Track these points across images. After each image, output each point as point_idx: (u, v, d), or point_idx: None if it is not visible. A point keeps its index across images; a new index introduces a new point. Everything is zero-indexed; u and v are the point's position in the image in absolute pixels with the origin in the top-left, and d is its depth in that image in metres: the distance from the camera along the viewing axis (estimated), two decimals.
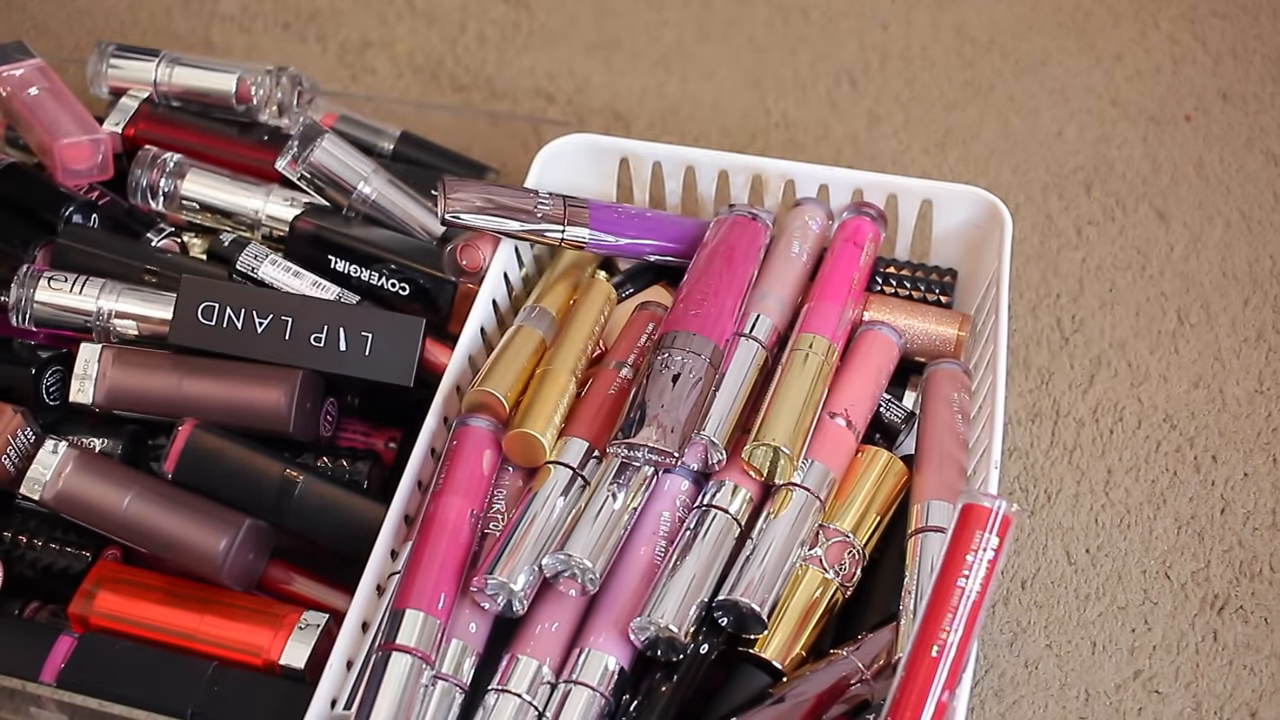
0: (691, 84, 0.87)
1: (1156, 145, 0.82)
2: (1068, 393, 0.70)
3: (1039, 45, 0.88)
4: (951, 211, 0.68)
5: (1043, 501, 0.66)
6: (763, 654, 0.55)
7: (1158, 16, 0.90)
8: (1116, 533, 0.65)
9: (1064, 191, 0.80)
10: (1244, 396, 0.70)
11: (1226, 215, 0.78)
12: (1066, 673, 0.60)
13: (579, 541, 0.55)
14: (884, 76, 0.87)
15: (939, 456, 0.60)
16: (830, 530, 0.58)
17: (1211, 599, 0.63)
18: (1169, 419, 0.69)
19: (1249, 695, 0.60)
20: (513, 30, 0.90)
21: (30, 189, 0.69)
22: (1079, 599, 0.63)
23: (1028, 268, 0.76)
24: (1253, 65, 0.86)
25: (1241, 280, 0.75)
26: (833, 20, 0.90)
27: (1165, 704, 0.60)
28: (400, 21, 0.91)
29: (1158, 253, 0.77)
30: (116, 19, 0.91)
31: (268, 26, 0.90)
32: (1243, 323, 0.73)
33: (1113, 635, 0.62)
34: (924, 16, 0.90)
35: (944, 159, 0.82)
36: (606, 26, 0.90)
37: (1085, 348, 0.72)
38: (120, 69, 0.75)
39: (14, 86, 0.71)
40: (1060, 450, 0.68)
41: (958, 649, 0.49)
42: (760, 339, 0.61)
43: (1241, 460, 0.67)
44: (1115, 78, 0.86)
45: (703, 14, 0.91)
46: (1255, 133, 0.82)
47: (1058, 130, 0.83)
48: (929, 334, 0.65)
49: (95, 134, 0.70)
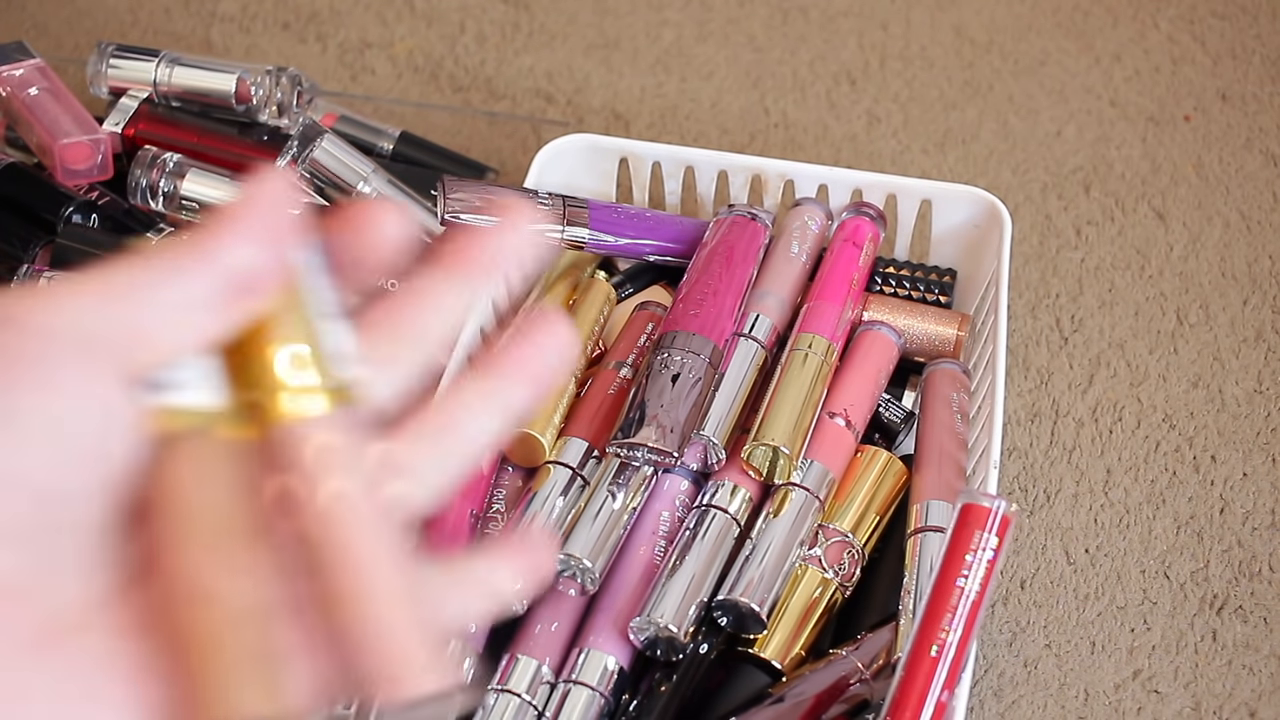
0: (691, 84, 0.87)
1: (1156, 145, 0.82)
2: (1067, 393, 0.70)
3: (1038, 45, 0.89)
4: (951, 211, 0.68)
5: (1042, 501, 0.66)
6: (762, 654, 0.55)
7: (1157, 17, 0.90)
8: (1115, 532, 0.65)
9: (1063, 191, 0.80)
10: (1243, 396, 0.70)
11: (1226, 215, 0.78)
12: (1066, 672, 0.60)
13: (579, 541, 0.55)
14: (883, 76, 0.87)
15: (938, 456, 0.60)
16: (830, 530, 0.58)
17: (1210, 599, 0.63)
18: (1168, 419, 0.69)
19: (1248, 695, 0.60)
20: (512, 30, 0.90)
21: (30, 189, 0.69)
22: (1078, 599, 0.63)
23: (1027, 268, 0.76)
24: (1252, 65, 0.87)
25: (1241, 280, 0.75)
26: (832, 20, 0.90)
27: (1164, 704, 0.60)
28: (400, 22, 0.91)
29: (1157, 253, 0.77)
30: (116, 19, 0.91)
31: (267, 26, 0.90)
32: (1242, 323, 0.73)
33: (1112, 635, 0.62)
34: (923, 17, 0.90)
35: (943, 159, 0.82)
36: (606, 26, 0.90)
37: (1084, 348, 0.72)
38: (120, 69, 0.75)
39: (14, 86, 0.71)
40: (1059, 450, 0.68)
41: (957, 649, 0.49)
42: (759, 339, 0.61)
43: (1241, 460, 0.67)
44: (1114, 78, 0.86)
45: (702, 14, 0.91)
46: (1254, 133, 0.83)
47: (1057, 130, 0.83)
48: (928, 334, 0.65)
49: (95, 134, 0.69)
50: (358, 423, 0.28)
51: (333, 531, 0.27)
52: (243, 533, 0.27)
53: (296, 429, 0.28)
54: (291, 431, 0.28)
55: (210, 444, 0.28)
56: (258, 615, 0.27)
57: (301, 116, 0.70)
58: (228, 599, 0.26)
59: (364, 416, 0.29)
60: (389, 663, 0.27)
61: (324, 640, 0.27)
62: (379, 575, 0.27)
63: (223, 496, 0.27)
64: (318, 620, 0.27)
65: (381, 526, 0.28)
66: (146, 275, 0.27)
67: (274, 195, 0.28)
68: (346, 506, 0.27)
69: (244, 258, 0.27)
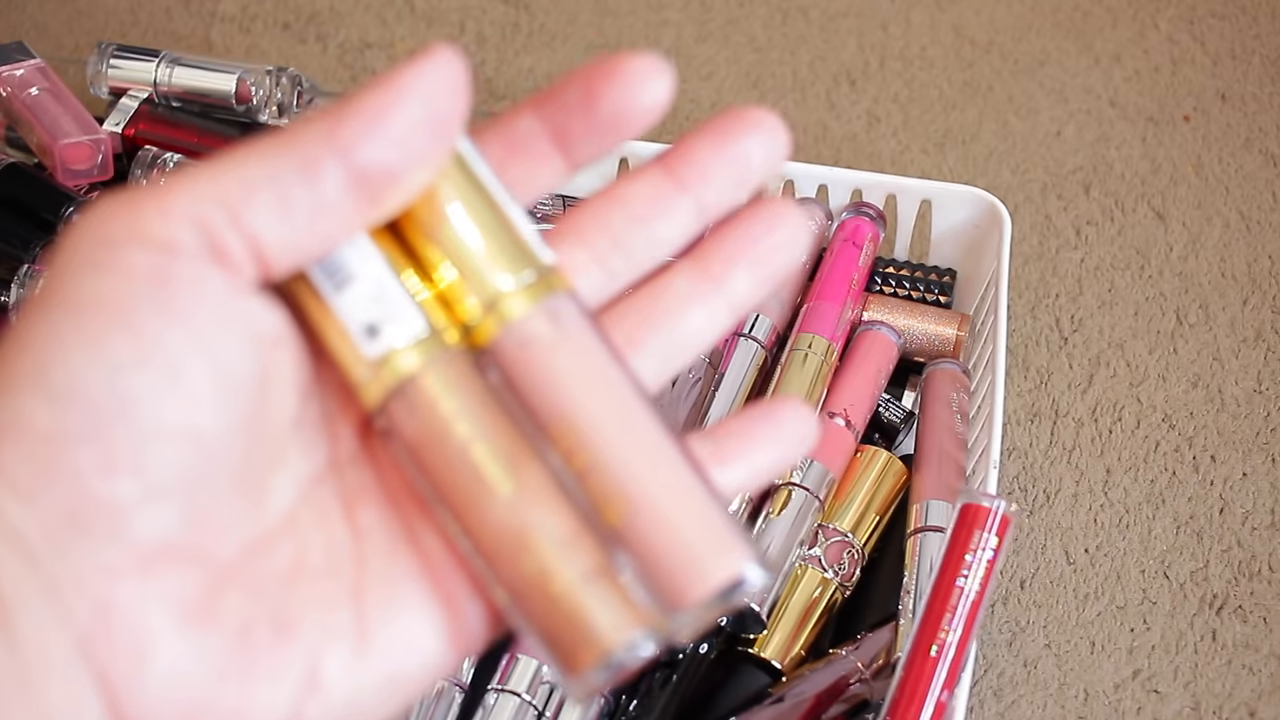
0: (690, 84, 0.87)
1: (1155, 145, 0.82)
2: (1066, 393, 0.70)
3: (1038, 46, 0.88)
4: (950, 211, 0.68)
5: (1041, 501, 0.66)
6: (762, 654, 0.55)
7: (1156, 17, 0.90)
8: (1115, 532, 0.65)
9: (1063, 192, 0.80)
10: (1243, 396, 0.70)
11: (1225, 215, 0.78)
12: (1065, 672, 0.60)
13: None
14: (883, 77, 0.87)
15: (938, 456, 0.60)
16: (829, 530, 0.58)
17: (1210, 598, 0.63)
18: (1168, 419, 0.69)
19: (1248, 695, 0.60)
20: (512, 31, 0.90)
21: (30, 189, 0.69)
22: (1078, 598, 0.63)
23: (1026, 268, 0.76)
24: (1251, 66, 0.86)
25: (1240, 280, 0.75)
26: (832, 20, 0.90)
27: (1164, 703, 0.60)
28: (400, 22, 0.91)
29: (1156, 253, 0.77)
30: (116, 19, 0.91)
31: (268, 27, 0.90)
32: (1241, 323, 0.73)
33: (1111, 635, 0.62)
34: (923, 17, 0.90)
35: (943, 159, 0.82)
36: (606, 27, 0.90)
37: (1084, 348, 0.72)
38: (120, 69, 0.74)
39: (14, 86, 0.71)
40: (1059, 450, 0.68)
41: (957, 649, 0.49)
42: (759, 339, 0.61)
43: (1240, 460, 0.67)
44: (1114, 78, 0.86)
45: (702, 14, 0.91)
46: (1254, 133, 0.82)
47: (1056, 130, 0.83)
48: (928, 334, 0.65)
49: (95, 134, 0.69)
50: (579, 309, 0.26)
51: (596, 428, 0.24)
52: (520, 456, 0.25)
53: (522, 326, 0.25)
54: (519, 330, 0.25)
55: (446, 371, 0.25)
56: (573, 540, 0.24)
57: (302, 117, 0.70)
58: (541, 533, 0.24)
59: (581, 303, 0.26)
60: (693, 553, 0.24)
61: (622, 546, 0.25)
62: (660, 464, 0.25)
63: (486, 425, 0.25)
64: (607, 528, 0.25)
65: (644, 410, 0.25)
66: (265, 170, 0.24)
67: (437, 80, 0.24)
68: (604, 399, 0.25)
69: (382, 155, 0.24)
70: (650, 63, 0.26)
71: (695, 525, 0.24)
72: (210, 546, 0.24)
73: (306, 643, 0.24)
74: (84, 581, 0.23)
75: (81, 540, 0.23)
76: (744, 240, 0.27)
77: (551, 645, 0.24)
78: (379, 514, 0.26)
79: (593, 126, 0.26)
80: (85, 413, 0.22)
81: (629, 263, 0.27)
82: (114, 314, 0.23)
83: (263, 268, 0.24)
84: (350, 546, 0.25)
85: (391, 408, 0.25)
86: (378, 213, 0.25)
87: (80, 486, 0.22)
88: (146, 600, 0.23)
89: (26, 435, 0.22)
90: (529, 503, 0.24)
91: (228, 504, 0.24)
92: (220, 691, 0.23)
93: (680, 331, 0.27)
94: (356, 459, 0.26)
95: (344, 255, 0.25)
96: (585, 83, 0.26)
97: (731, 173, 0.27)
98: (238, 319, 0.24)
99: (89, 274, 0.23)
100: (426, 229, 0.25)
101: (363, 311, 0.25)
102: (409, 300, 0.25)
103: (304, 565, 0.25)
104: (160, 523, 0.23)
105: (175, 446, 0.23)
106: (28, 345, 0.23)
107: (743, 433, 0.27)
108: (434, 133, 0.24)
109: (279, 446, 0.25)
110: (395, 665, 0.25)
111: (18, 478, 0.22)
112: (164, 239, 0.23)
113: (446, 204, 0.25)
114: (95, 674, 0.23)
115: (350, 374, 0.25)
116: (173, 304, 0.23)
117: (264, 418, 0.25)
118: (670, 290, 0.27)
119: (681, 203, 0.27)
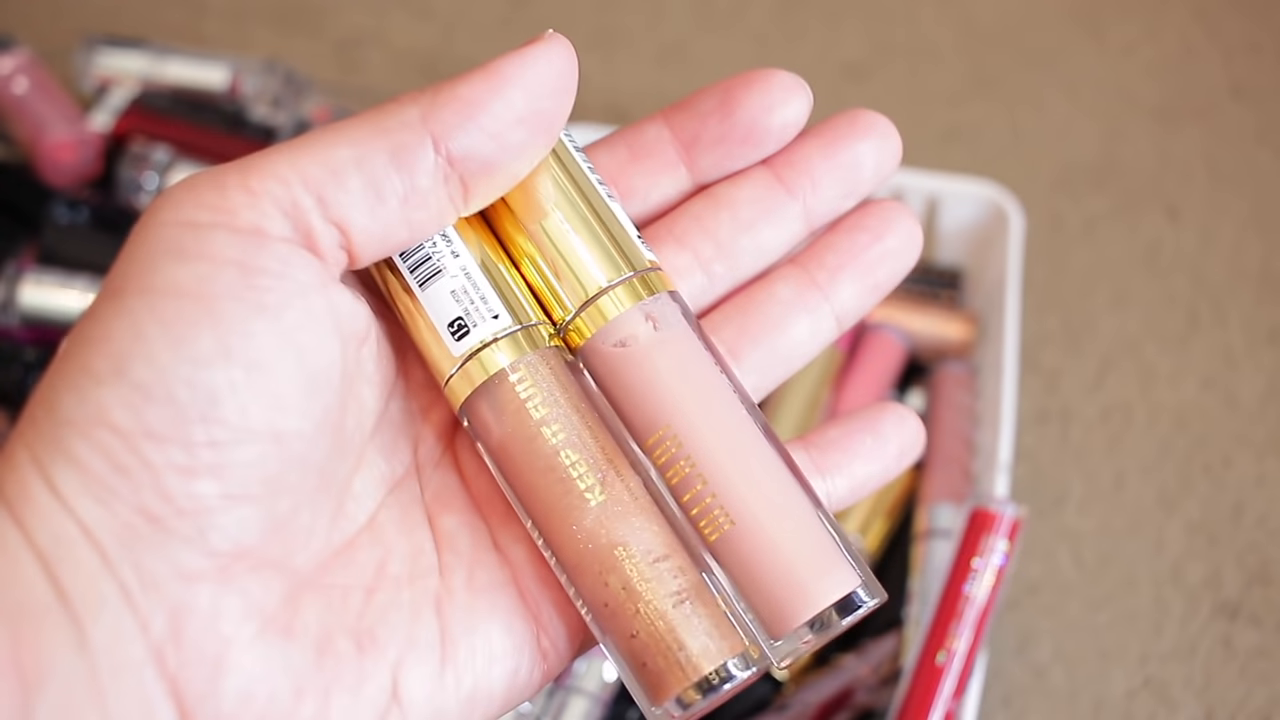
0: (693, 78, 0.86)
1: (1167, 141, 0.81)
2: (1077, 394, 0.69)
3: (1047, 39, 0.87)
4: (958, 208, 0.67)
5: (1051, 505, 0.65)
6: None
7: (1168, 11, 0.89)
8: (1126, 537, 0.64)
9: (1073, 188, 0.79)
10: (1256, 398, 0.69)
11: (1238, 212, 0.77)
12: (1075, 680, 0.59)
13: None
14: (888, 70, 0.86)
15: (946, 459, 0.59)
16: None
17: (1223, 605, 0.62)
18: (1180, 420, 0.68)
19: (1262, 702, 0.59)
20: (508, 24, 0.89)
21: (16, 186, 0.69)
22: (1088, 605, 0.62)
23: (1036, 266, 0.75)
24: (1264, 60, 0.85)
25: (1253, 278, 0.74)
26: (835, 12, 0.89)
27: (1176, 712, 0.58)
28: (394, 15, 0.90)
29: (1168, 250, 0.75)
30: (104, 11, 0.90)
31: (260, 19, 0.89)
32: (1255, 322, 0.72)
33: (1123, 642, 0.60)
34: (929, 9, 0.89)
35: (950, 154, 0.81)
36: (604, 19, 0.89)
37: (1094, 347, 0.71)
38: (109, 62, 0.74)
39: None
40: (1069, 452, 0.67)
41: (965, 656, 0.48)
42: None
43: (1254, 462, 0.66)
44: (1125, 72, 0.85)
45: (703, 6, 0.90)
46: (1267, 128, 0.81)
47: (1066, 125, 0.82)
48: (935, 334, 0.65)
49: (83, 129, 0.69)
50: (682, 311, 0.25)
51: (695, 435, 0.23)
52: (613, 464, 0.23)
53: (620, 326, 0.24)
54: (616, 330, 0.24)
55: (537, 371, 0.24)
56: (665, 557, 0.23)
57: (294, 111, 0.69)
58: (632, 548, 0.23)
59: (684, 305, 0.25)
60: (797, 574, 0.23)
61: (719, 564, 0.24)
62: (764, 476, 0.23)
63: (577, 429, 0.24)
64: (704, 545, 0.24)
65: (748, 418, 0.24)
66: (354, 154, 0.23)
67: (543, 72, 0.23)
68: (705, 405, 0.23)
69: (478, 145, 0.23)
70: (792, 80, 0.25)
71: (800, 544, 0.23)
72: (291, 553, 0.23)
73: (388, 655, 0.23)
74: (160, 586, 0.21)
75: (159, 543, 0.21)
76: (851, 247, 0.27)
77: (636, 669, 0.23)
78: (462, 520, 0.25)
79: (725, 135, 0.26)
80: (166, 409, 0.21)
81: (731, 268, 0.27)
82: (197, 305, 0.22)
83: (349, 257, 0.23)
84: (432, 554, 0.24)
85: (478, 407, 0.24)
86: (470, 204, 0.24)
87: (159, 487, 0.21)
88: (224, 608, 0.22)
89: (104, 431, 0.21)
90: (620, 515, 0.23)
91: (309, 508, 0.23)
92: (298, 709, 0.22)
93: (782, 342, 0.26)
94: (439, 462, 0.25)
95: (433, 246, 0.24)
96: (724, 91, 0.25)
97: (842, 180, 0.26)
98: (326, 313, 0.23)
99: (170, 261, 0.22)
100: (521, 222, 0.24)
101: (451, 306, 0.24)
102: (500, 296, 0.24)
103: (385, 573, 0.24)
104: (241, 527, 0.22)
105: (258, 447, 0.22)
106: (105, 336, 0.22)
107: (844, 443, 0.26)
108: (534, 126, 0.23)
109: (361, 448, 0.24)
110: (477, 681, 0.23)
111: (94, 476, 0.21)
112: (252, 225, 0.22)
113: (544, 198, 0.24)
114: (168, 685, 0.21)
115: (436, 370, 0.24)
116: (261, 296, 0.22)
117: (348, 418, 0.24)
118: (773, 298, 0.27)
119: (789, 209, 0.26)
